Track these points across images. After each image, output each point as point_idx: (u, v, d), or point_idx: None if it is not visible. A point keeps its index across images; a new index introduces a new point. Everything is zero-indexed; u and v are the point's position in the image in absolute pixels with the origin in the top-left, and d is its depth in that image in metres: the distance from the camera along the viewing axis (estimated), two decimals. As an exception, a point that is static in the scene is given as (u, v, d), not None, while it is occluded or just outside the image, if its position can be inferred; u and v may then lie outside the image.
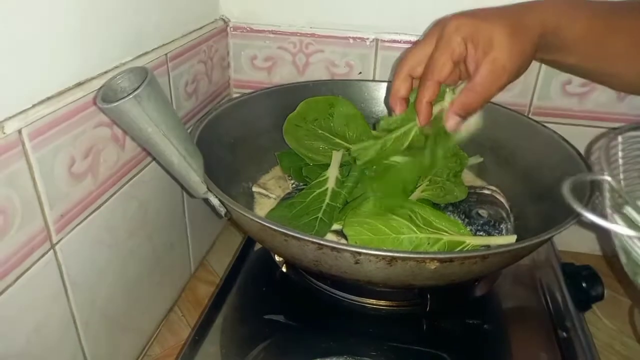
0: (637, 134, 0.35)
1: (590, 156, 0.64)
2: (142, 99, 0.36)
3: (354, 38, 0.70)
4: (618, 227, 0.28)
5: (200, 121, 0.56)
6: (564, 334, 0.50)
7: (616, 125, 0.68)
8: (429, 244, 0.47)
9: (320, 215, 0.51)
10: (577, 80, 0.66)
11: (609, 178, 0.30)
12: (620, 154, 0.35)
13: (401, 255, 0.38)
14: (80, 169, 0.42)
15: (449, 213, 0.54)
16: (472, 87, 0.44)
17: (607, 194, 0.30)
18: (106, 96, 0.38)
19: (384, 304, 0.52)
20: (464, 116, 0.47)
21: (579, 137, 0.63)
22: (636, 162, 0.35)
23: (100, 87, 0.40)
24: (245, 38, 0.72)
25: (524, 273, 0.58)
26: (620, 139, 0.35)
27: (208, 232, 0.74)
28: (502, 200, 0.57)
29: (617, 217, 0.29)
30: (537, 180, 0.56)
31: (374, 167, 0.54)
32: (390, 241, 0.46)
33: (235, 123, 0.61)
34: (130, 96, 0.36)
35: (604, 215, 0.29)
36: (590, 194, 0.43)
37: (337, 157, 0.59)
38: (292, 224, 0.50)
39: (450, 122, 0.47)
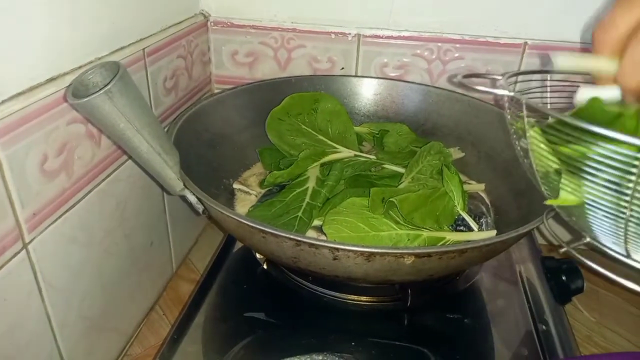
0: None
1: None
2: (113, 94, 0.36)
3: (335, 33, 0.69)
4: (497, 90, 0.33)
5: (179, 117, 0.55)
6: (544, 327, 0.50)
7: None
8: (408, 240, 0.47)
9: (300, 214, 0.50)
10: (556, 75, 0.67)
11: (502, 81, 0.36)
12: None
13: (379, 250, 0.38)
14: (53, 167, 0.42)
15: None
16: None
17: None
18: (77, 91, 0.37)
19: (365, 299, 0.52)
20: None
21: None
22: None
23: (71, 83, 0.39)
24: (226, 33, 0.71)
25: (505, 267, 0.59)
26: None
27: (190, 229, 0.73)
28: (483, 194, 0.57)
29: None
30: (517, 174, 0.56)
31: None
32: (370, 238, 0.46)
33: (215, 119, 0.61)
34: (101, 91, 0.35)
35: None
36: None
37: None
38: (272, 222, 0.50)
39: None
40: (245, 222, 0.40)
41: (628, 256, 0.29)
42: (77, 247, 0.46)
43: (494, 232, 0.50)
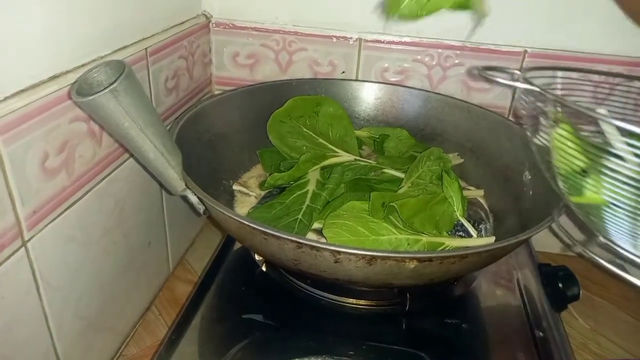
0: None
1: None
2: (118, 93, 0.36)
3: (337, 37, 0.69)
4: (517, 84, 0.32)
5: (180, 117, 0.55)
6: (541, 333, 0.51)
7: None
8: (408, 244, 0.47)
9: (300, 216, 0.50)
10: (556, 83, 0.67)
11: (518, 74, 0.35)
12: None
13: (381, 254, 0.38)
14: (54, 165, 0.41)
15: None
16: None
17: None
18: (81, 89, 0.37)
19: (364, 303, 0.52)
20: None
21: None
22: None
23: (75, 81, 0.39)
24: (228, 34, 0.71)
25: (502, 273, 0.59)
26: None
27: (187, 230, 0.73)
28: (482, 200, 0.58)
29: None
30: (516, 181, 0.57)
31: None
32: (369, 242, 0.46)
33: (216, 120, 0.61)
34: (107, 90, 0.35)
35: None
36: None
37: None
38: (272, 224, 0.50)
39: None
40: (247, 223, 0.40)
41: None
42: (75, 246, 0.46)
43: (492, 239, 0.50)
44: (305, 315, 0.52)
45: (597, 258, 0.32)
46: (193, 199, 0.46)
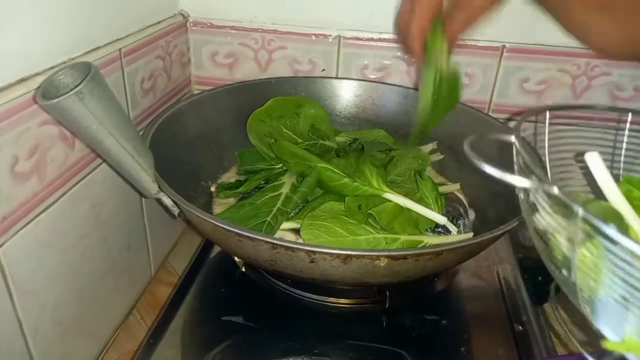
0: (564, 114, 0.35)
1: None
2: (84, 96, 0.35)
3: (316, 35, 0.69)
4: (514, 178, 0.25)
5: (156, 119, 0.55)
6: (520, 327, 0.51)
7: (572, 122, 0.70)
8: (386, 243, 0.47)
9: (268, 218, 0.50)
10: (534, 78, 0.68)
11: (514, 139, 0.28)
12: (547, 129, 0.34)
13: (355, 253, 0.38)
14: (25, 169, 0.41)
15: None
16: (456, 8, 0.45)
17: (515, 157, 0.29)
18: (47, 92, 0.36)
19: (344, 302, 0.52)
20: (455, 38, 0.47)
21: (536, 134, 0.65)
22: (561, 144, 0.35)
23: (40, 84, 0.39)
24: (206, 34, 0.70)
25: (483, 268, 0.59)
26: (548, 114, 0.34)
27: (169, 232, 0.72)
28: (461, 196, 0.58)
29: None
30: (493, 177, 0.57)
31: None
32: (347, 242, 0.46)
33: (194, 121, 0.60)
34: (72, 92, 0.34)
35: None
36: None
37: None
38: (239, 225, 0.49)
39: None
40: (221, 225, 0.40)
41: None
42: (51, 251, 0.45)
43: (470, 234, 0.50)
44: (285, 315, 0.51)
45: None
46: (167, 201, 0.45)
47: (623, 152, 0.36)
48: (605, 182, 0.27)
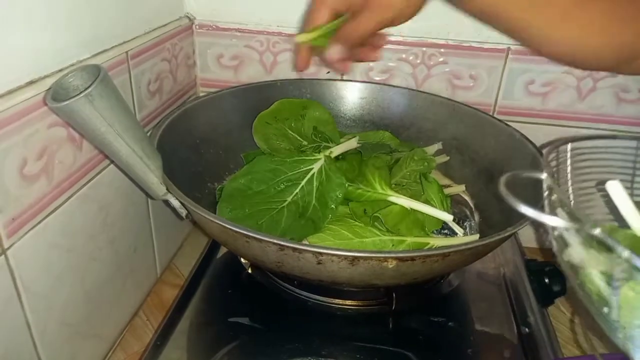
0: (586, 145, 0.35)
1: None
2: (94, 98, 0.35)
3: (321, 37, 0.69)
4: (552, 219, 0.25)
5: (163, 120, 0.55)
6: (527, 329, 0.51)
7: (577, 124, 0.70)
8: (392, 245, 0.47)
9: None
10: (539, 80, 0.68)
11: (544, 177, 0.29)
12: (569, 161, 0.34)
13: (363, 254, 0.38)
14: (33, 171, 0.41)
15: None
16: (357, 17, 0.44)
17: (545, 194, 0.30)
18: (57, 95, 0.37)
19: (350, 303, 0.52)
20: (346, 45, 0.46)
21: (542, 135, 0.65)
22: (583, 173, 0.35)
23: (50, 86, 0.39)
24: (212, 36, 0.71)
25: (489, 270, 0.59)
26: (569, 146, 0.34)
27: (175, 234, 0.73)
28: (467, 198, 0.58)
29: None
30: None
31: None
32: (354, 245, 0.46)
33: (200, 122, 0.60)
34: (81, 95, 0.35)
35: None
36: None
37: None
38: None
39: (331, 51, 0.46)
40: (229, 226, 0.40)
41: None
42: (59, 253, 0.45)
43: (477, 236, 0.50)
44: (292, 317, 0.52)
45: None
46: (175, 202, 0.45)
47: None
48: (628, 210, 0.28)
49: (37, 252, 0.42)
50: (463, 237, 0.51)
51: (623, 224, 0.28)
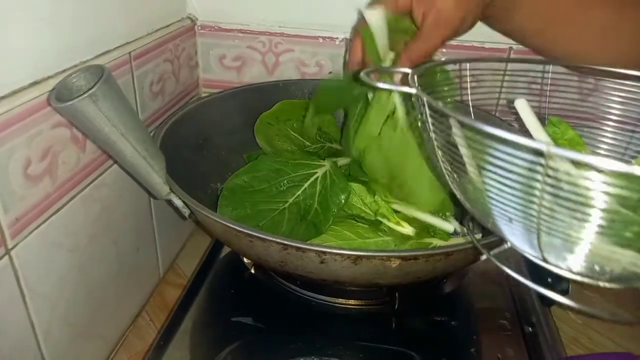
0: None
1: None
2: (97, 98, 0.35)
3: (323, 37, 0.69)
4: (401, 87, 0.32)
5: (166, 121, 0.55)
6: (530, 329, 0.51)
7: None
8: (395, 245, 0.47)
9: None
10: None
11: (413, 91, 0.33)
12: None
13: (366, 253, 0.38)
14: (37, 171, 0.41)
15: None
16: (417, 37, 0.45)
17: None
18: (61, 95, 0.37)
19: (353, 303, 0.52)
20: (411, 66, 0.47)
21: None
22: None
23: (54, 86, 0.39)
24: (214, 37, 0.71)
25: (492, 269, 0.59)
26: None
27: (177, 234, 0.73)
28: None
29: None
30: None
31: None
32: (357, 245, 0.46)
33: (202, 123, 0.60)
34: (85, 95, 0.35)
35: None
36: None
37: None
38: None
39: (396, 76, 0.48)
40: (232, 226, 0.40)
41: (545, 261, 0.30)
42: (63, 253, 0.46)
43: (479, 235, 0.50)
44: (295, 316, 0.52)
45: (500, 264, 0.32)
46: (178, 202, 0.46)
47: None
48: (532, 124, 0.34)
49: (40, 252, 0.43)
50: (465, 237, 0.51)
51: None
